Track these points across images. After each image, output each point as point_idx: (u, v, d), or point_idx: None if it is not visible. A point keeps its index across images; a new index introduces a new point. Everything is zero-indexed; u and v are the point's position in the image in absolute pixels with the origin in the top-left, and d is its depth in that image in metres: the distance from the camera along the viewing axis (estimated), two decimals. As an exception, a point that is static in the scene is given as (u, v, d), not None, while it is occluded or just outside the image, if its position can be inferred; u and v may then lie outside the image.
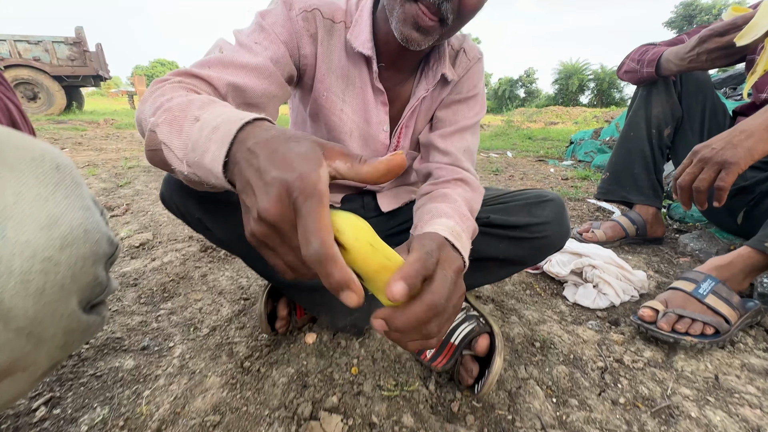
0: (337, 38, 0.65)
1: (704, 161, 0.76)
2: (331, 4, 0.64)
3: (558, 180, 2.59)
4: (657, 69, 1.15)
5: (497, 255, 0.75)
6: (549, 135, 6.77)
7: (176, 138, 0.37)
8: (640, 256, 1.26)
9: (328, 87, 0.68)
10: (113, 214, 1.57)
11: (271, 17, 0.60)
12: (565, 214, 0.74)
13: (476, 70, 0.75)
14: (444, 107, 0.76)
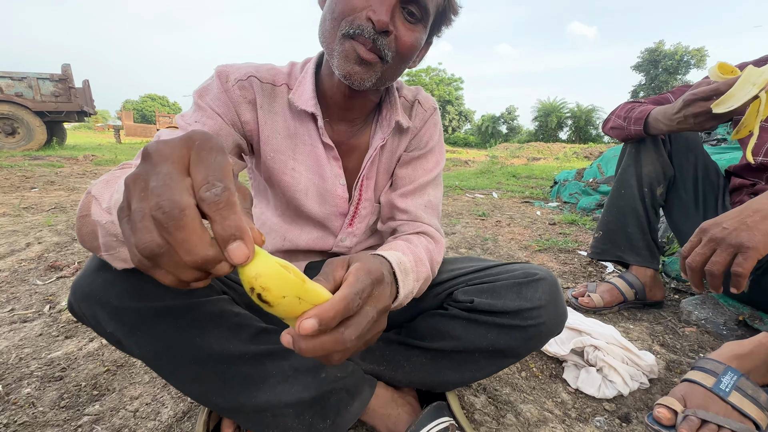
0: (279, 101, 0.67)
1: (716, 242, 0.68)
2: (270, 70, 0.67)
3: (545, 225, 2.53)
4: (645, 127, 1.10)
5: (485, 346, 0.64)
6: (533, 172, 6.90)
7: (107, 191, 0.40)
8: (641, 324, 1.16)
9: (274, 148, 0.68)
10: (61, 275, 1.40)
11: (207, 94, 0.62)
12: (560, 295, 0.65)
13: (432, 122, 0.77)
14: (403, 165, 0.76)
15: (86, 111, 9.20)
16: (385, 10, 0.53)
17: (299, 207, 0.73)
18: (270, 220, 0.79)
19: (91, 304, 0.50)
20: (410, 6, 0.56)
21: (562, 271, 1.60)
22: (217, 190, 0.25)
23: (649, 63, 39.92)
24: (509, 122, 51.11)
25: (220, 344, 0.55)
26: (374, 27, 0.53)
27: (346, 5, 0.54)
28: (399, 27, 0.56)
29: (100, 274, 0.50)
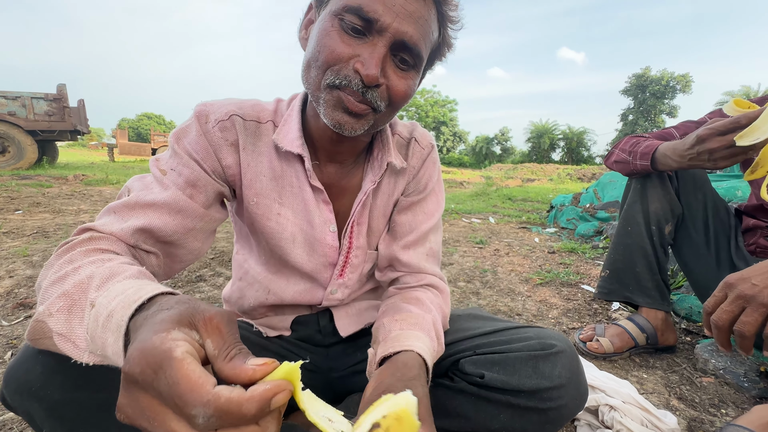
0: (264, 139, 0.61)
1: (745, 300, 0.62)
2: (254, 107, 0.62)
3: (545, 254, 2.47)
4: (653, 163, 1.06)
5: (497, 428, 0.56)
6: (528, 195, 6.92)
7: (78, 326, 0.36)
8: (655, 373, 1.08)
9: (258, 192, 0.62)
10: (29, 314, 1.29)
11: (185, 137, 0.57)
12: (581, 371, 0.58)
13: (431, 160, 0.72)
14: (403, 210, 0.70)
15: (80, 130, 9.16)
16: (375, 62, 0.47)
17: (285, 256, 0.66)
18: (253, 269, 0.72)
19: (26, 396, 0.42)
20: (402, 54, 0.50)
21: (566, 308, 1.53)
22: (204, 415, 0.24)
23: (636, 88, 41.26)
24: (503, 143, 52.05)
25: None
26: (362, 81, 0.48)
27: (331, 54, 0.48)
28: (390, 76, 0.50)
29: (40, 359, 0.42)
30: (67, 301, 0.37)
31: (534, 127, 45.58)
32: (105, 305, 0.34)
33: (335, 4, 0.49)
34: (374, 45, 0.48)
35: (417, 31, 0.49)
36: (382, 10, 0.47)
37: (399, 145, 0.69)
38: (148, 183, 0.54)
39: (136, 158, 18.70)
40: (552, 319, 1.43)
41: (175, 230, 0.53)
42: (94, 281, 0.37)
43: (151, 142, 18.10)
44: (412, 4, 0.48)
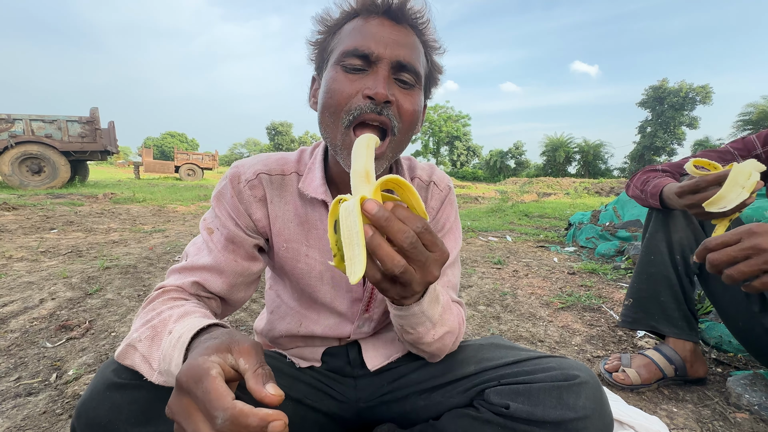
0: (289, 189, 0.68)
1: (757, 251, 0.62)
2: (279, 160, 0.69)
3: (565, 275, 2.45)
4: (662, 203, 1.06)
5: None
6: (545, 211, 6.82)
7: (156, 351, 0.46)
8: (686, 407, 1.06)
9: (287, 238, 0.69)
10: (70, 336, 1.37)
11: (223, 199, 0.66)
12: (606, 401, 0.59)
13: (449, 201, 0.76)
14: None
15: (109, 150, 9.62)
16: (381, 83, 0.53)
17: (314, 294, 0.71)
18: (286, 303, 0.76)
19: (96, 430, 0.47)
20: (402, 74, 0.56)
21: (590, 335, 1.51)
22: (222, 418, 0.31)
23: (654, 100, 40.59)
24: (517, 157, 51.66)
25: None
26: (374, 101, 0.53)
27: (340, 95, 0.54)
28: (397, 96, 0.56)
29: (108, 395, 0.48)
30: (152, 332, 0.48)
31: (548, 140, 45.19)
32: (178, 331, 0.45)
33: (332, 57, 0.57)
34: (376, 72, 0.54)
35: (409, 53, 0.56)
36: (374, 44, 0.54)
37: (419, 188, 0.73)
38: (199, 247, 0.64)
39: (160, 175, 19.42)
40: (575, 347, 1.42)
41: (221, 288, 0.63)
42: (172, 318, 0.49)
43: (174, 160, 18.76)
44: (396, 33, 0.56)
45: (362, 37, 0.55)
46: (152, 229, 3.96)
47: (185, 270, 0.62)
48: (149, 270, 2.23)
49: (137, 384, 0.50)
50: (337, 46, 0.57)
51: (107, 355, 1.25)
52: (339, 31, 0.59)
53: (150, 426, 0.49)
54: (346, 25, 0.59)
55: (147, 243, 3.21)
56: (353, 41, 0.55)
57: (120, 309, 1.62)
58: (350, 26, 0.58)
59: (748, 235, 0.65)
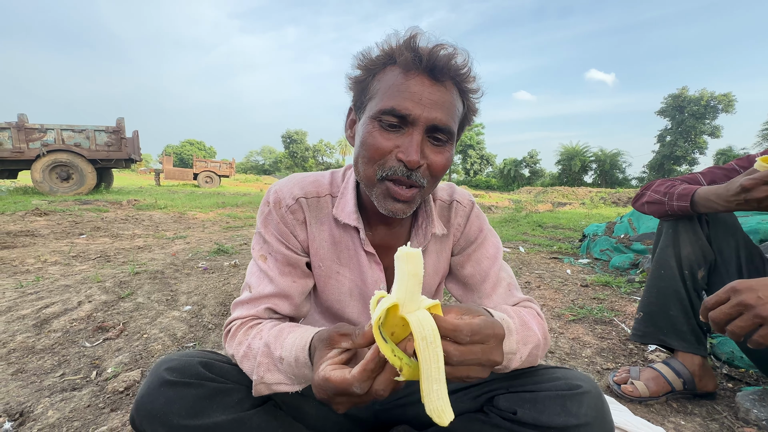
0: (325, 210, 0.74)
1: (744, 307, 0.68)
2: (313, 183, 0.74)
3: (578, 287, 2.45)
4: (692, 205, 1.09)
5: None
6: (559, 221, 6.76)
7: (283, 377, 0.59)
8: (694, 420, 1.08)
9: (322, 257, 0.75)
10: (107, 337, 1.47)
11: (270, 224, 0.72)
12: (607, 409, 0.64)
13: (475, 214, 0.81)
14: (464, 264, 0.80)
15: (133, 158, 9.99)
16: (414, 149, 0.57)
17: (342, 310, 0.78)
18: (314, 317, 0.84)
19: (153, 421, 0.55)
20: (436, 134, 0.60)
21: (600, 347, 1.53)
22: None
23: (673, 108, 39.74)
24: (531, 166, 51.12)
25: None
26: (406, 166, 0.58)
27: (377, 151, 0.59)
28: (429, 155, 0.60)
29: (162, 391, 0.56)
30: (266, 367, 0.59)
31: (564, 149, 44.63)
32: (288, 356, 0.56)
33: (372, 109, 0.60)
34: (411, 135, 0.58)
35: (444, 114, 0.59)
36: (412, 105, 0.57)
37: (441, 208, 0.79)
38: (258, 276, 0.71)
39: (179, 182, 19.98)
40: (585, 359, 1.44)
41: (289, 309, 0.71)
42: (270, 345, 0.59)
43: (193, 167, 19.29)
44: (435, 93, 0.58)
45: (401, 97, 0.57)
46: (174, 236, 4.12)
47: (253, 300, 0.69)
48: (175, 276, 2.35)
49: (186, 382, 0.58)
50: (376, 95, 0.60)
51: (141, 355, 1.35)
52: (380, 75, 0.61)
53: (197, 419, 0.57)
54: (387, 71, 0.60)
55: (170, 249, 3.35)
56: (392, 100, 0.57)
57: (150, 312, 1.72)
58: (390, 78, 0.59)
59: (733, 292, 0.71)
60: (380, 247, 0.76)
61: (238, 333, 0.65)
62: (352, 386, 0.41)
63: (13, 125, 8.74)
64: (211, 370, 0.62)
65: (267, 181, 33.70)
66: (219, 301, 1.91)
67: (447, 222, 0.79)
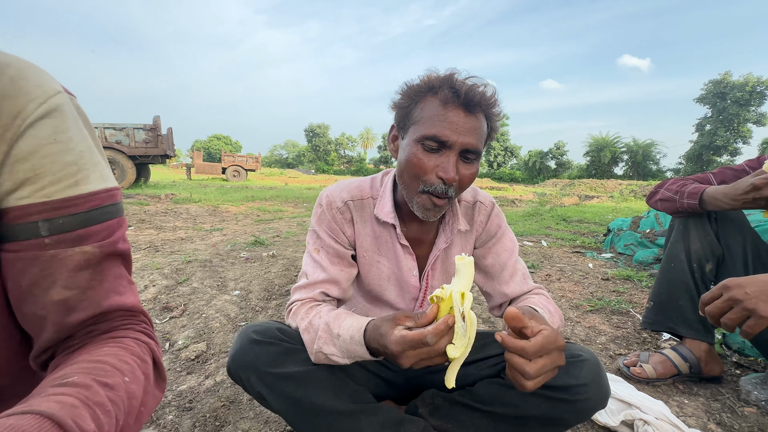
0: (367, 210, 0.89)
1: (734, 301, 0.78)
2: (357, 188, 0.90)
3: (598, 281, 2.52)
4: (701, 203, 1.18)
5: (539, 414, 0.77)
6: (585, 215, 6.67)
7: (337, 351, 0.71)
8: (697, 400, 1.18)
9: (365, 248, 0.90)
10: (172, 316, 1.71)
11: (323, 223, 0.88)
12: (603, 374, 0.77)
13: (495, 213, 0.95)
14: (485, 256, 0.95)
15: (168, 154, 10.55)
16: (451, 168, 0.72)
17: (381, 293, 0.94)
18: (357, 299, 1.01)
19: (246, 369, 0.73)
20: (467, 154, 0.74)
21: (615, 335, 1.63)
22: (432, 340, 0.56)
23: (714, 95, 37.33)
24: (558, 157, 49.54)
25: (328, 402, 0.75)
26: (444, 183, 0.73)
27: (421, 169, 0.73)
28: (461, 171, 0.74)
29: (251, 348, 0.74)
30: (325, 340, 0.72)
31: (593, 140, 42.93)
32: (344, 334, 0.70)
33: (416, 133, 0.74)
34: (448, 156, 0.72)
35: (475, 139, 0.73)
36: (450, 133, 0.71)
37: (465, 208, 0.93)
38: (313, 266, 0.86)
39: (209, 176, 20.84)
40: (599, 345, 1.55)
41: (338, 292, 0.86)
42: (330, 324, 0.72)
43: (221, 162, 20.04)
44: (468, 123, 0.72)
45: (441, 126, 0.70)
46: (211, 228, 4.43)
47: (309, 286, 0.84)
48: (222, 264, 2.60)
49: (268, 341, 0.76)
50: (419, 121, 0.73)
51: (203, 330, 1.57)
52: (421, 104, 0.74)
53: (277, 369, 0.74)
54: (428, 100, 0.73)
55: (209, 240, 3.64)
56: (433, 128, 0.70)
57: (205, 296, 1.96)
58: (431, 108, 0.72)
59: (725, 289, 0.81)
60: (413, 240, 0.91)
61: (300, 311, 0.81)
62: (426, 337, 0.55)
63: (61, 125, 9.44)
64: (284, 334, 0.80)
65: (291, 174, 34.37)
66: (263, 287, 2.13)
67: (470, 220, 0.94)
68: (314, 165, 66.53)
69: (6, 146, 0.37)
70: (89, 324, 0.42)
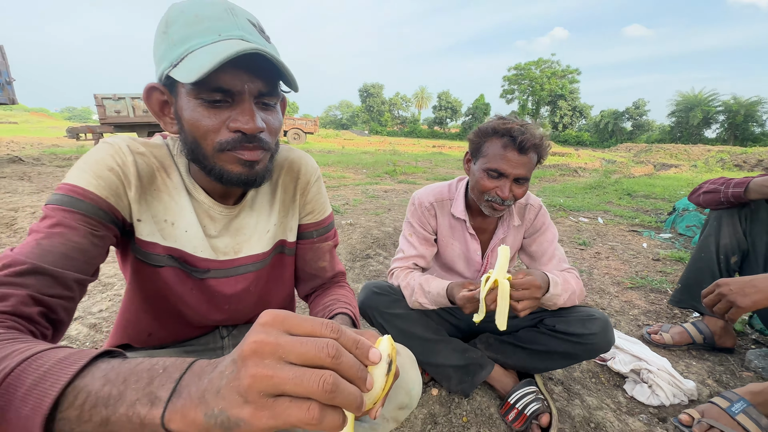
0: (446, 208, 1.26)
1: (721, 296, 1.06)
2: (439, 193, 1.27)
3: (648, 261, 2.69)
4: (746, 191, 1.37)
5: (561, 351, 1.16)
6: (653, 189, 6.34)
7: (427, 301, 1.12)
8: (705, 362, 1.47)
9: (444, 235, 1.29)
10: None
11: (414, 218, 1.28)
12: (610, 328, 1.12)
13: (541, 213, 1.27)
14: (531, 244, 1.30)
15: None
16: (507, 191, 1.06)
17: (453, 266, 1.34)
18: (436, 269, 1.43)
19: (371, 309, 1.20)
20: (518, 180, 1.06)
21: (647, 309, 1.90)
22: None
23: None
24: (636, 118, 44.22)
25: (419, 332, 1.20)
26: (503, 200, 1.07)
27: (485, 188, 1.08)
28: (514, 190, 1.07)
29: (373, 297, 1.20)
30: (419, 294, 1.13)
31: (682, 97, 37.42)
32: (433, 291, 1.09)
33: (483, 164, 1.08)
34: (505, 182, 1.06)
35: (525, 171, 1.05)
36: (507, 167, 1.04)
37: (519, 208, 1.27)
38: (408, 246, 1.26)
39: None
40: (631, 316, 1.84)
41: (424, 264, 1.27)
42: (422, 284, 1.13)
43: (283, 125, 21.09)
44: (521, 160, 1.04)
45: (501, 163, 1.02)
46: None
47: (404, 258, 1.24)
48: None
49: (384, 293, 1.21)
50: (485, 154, 1.06)
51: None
52: (488, 142, 1.06)
53: (390, 310, 1.20)
54: (494, 140, 1.05)
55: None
56: (495, 163, 1.03)
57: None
58: (495, 147, 1.04)
59: (716, 286, 1.06)
60: (478, 229, 1.29)
61: (400, 275, 1.24)
62: (476, 296, 0.96)
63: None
64: (391, 287, 1.25)
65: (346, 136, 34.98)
66: (348, 251, 2.66)
67: (522, 217, 1.28)
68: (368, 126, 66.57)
69: (303, 197, 0.81)
70: (330, 278, 0.88)
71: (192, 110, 0.58)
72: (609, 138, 43.37)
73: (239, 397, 0.29)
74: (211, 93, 0.56)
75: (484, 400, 1.24)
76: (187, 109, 0.58)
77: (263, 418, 0.29)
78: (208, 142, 0.59)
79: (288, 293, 0.91)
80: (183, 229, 0.71)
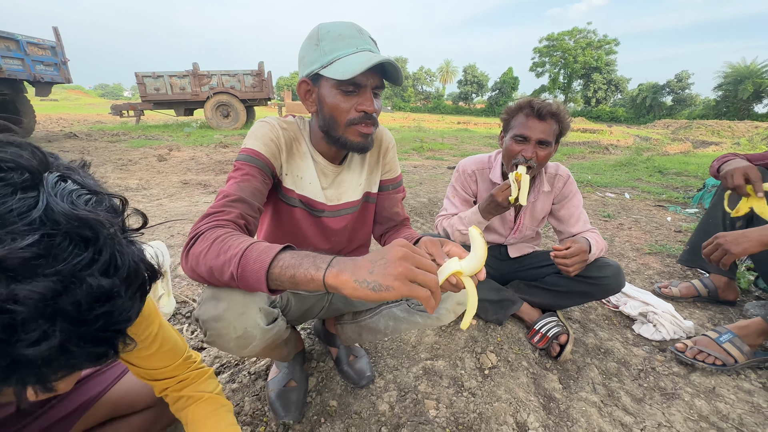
0: (485, 175, 1.53)
1: (718, 245, 1.29)
2: (480, 162, 1.55)
3: (669, 232, 2.86)
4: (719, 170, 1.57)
5: (579, 291, 1.44)
6: (686, 167, 6.22)
7: (464, 226, 1.45)
8: (707, 311, 1.71)
9: (482, 198, 1.52)
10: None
11: (458, 182, 1.56)
12: (621, 273, 1.39)
13: (569, 182, 1.52)
14: (560, 210, 1.56)
15: (270, 97, 11.86)
16: (530, 152, 1.30)
17: (489, 224, 1.62)
18: None
19: None
20: (542, 143, 1.30)
21: (661, 271, 2.13)
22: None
23: None
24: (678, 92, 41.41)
25: None
26: (525, 159, 1.32)
27: (513, 153, 1.33)
28: (538, 152, 1.31)
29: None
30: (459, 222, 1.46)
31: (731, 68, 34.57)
32: (469, 214, 1.42)
33: (510, 134, 1.34)
34: (530, 145, 1.31)
35: (545, 135, 1.30)
36: (528, 132, 1.29)
37: (549, 176, 1.52)
38: (450, 205, 1.56)
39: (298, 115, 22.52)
40: (646, 276, 2.08)
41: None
42: (461, 217, 1.45)
43: (308, 102, 21.31)
44: (541, 126, 1.28)
45: (523, 128, 1.27)
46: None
47: (447, 216, 1.51)
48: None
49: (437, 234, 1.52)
50: (513, 127, 1.33)
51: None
52: (515, 118, 1.33)
53: None
54: (519, 116, 1.30)
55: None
56: (519, 130, 1.28)
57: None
58: (520, 119, 1.29)
59: (715, 238, 1.28)
60: None
61: (444, 222, 1.52)
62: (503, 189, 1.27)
63: (190, 73, 11.16)
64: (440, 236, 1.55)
65: (369, 113, 34.62)
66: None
67: (552, 184, 1.53)
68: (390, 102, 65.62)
69: (384, 159, 1.11)
70: (401, 221, 1.19)
71: (333, 97, 0.87)
72: (646, 114, 41.01)
73: (390, 276, 0.56)
74: (348, 86, 0.85)
75: (515, 329, 1.55)
76: (329, 96, 0.88)
77: (403, 289, 0.56)
78: (341, 119, 0.89)
79: (368, 232, 1.23)
80: (308, 181, 1.03)
